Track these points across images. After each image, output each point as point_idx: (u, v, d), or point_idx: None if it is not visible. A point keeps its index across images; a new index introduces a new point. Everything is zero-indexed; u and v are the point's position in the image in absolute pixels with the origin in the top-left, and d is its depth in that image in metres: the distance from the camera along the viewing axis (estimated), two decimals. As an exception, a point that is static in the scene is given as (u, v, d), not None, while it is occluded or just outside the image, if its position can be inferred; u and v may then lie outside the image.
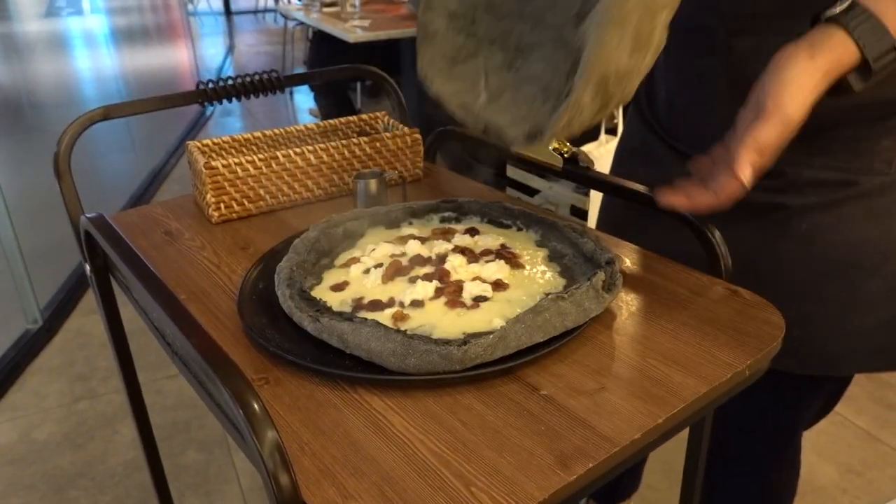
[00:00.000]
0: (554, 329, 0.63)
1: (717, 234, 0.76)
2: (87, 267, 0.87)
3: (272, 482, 0.47)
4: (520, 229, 0.85)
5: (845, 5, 0.62)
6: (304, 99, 5.14)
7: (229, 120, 4.79)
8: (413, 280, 0.72)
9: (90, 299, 2.52)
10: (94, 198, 0.90)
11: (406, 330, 0.63)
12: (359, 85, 4.21)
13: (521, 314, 0.62)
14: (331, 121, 1.15)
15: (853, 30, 0.62)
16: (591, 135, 1.97)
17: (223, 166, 0.93)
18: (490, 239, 0.81)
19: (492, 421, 0.57)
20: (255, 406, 0.49)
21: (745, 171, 0.63)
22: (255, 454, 0.48)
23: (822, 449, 1.74)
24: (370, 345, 0.60)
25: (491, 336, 0.60)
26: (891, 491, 1.61)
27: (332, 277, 0.76)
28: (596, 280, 0.67)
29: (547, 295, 0.68)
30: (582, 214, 0.94)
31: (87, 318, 2.41)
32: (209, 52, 6.97)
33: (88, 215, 0.76)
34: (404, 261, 0.77)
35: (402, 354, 0.59)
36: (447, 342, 0.59)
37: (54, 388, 2.06)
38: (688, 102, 0.91)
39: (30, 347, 2.22)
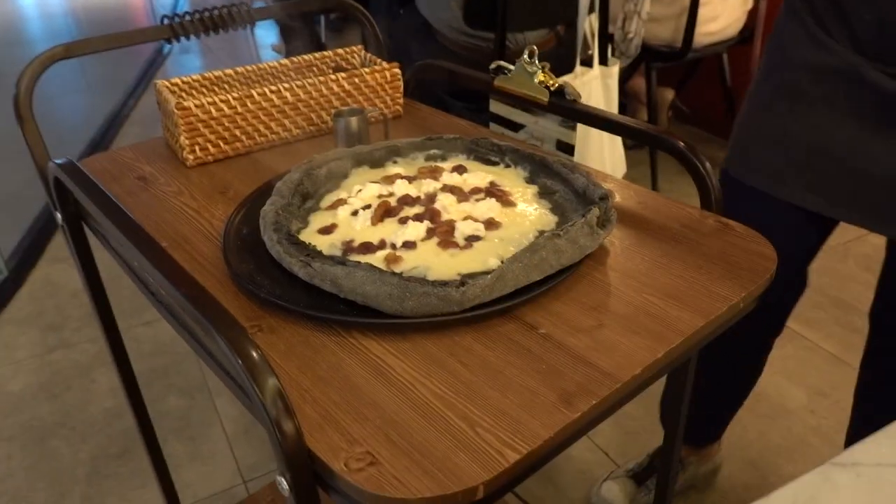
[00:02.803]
0: (550, 267, 0.62)
1: (708, 166, 0.75)
2: (59, 216, 0.84)
3: (276, 430, 0.47)
4: (507, 166, 0.83)
5: None
6: (265, 34, 4.94)
7: (188, 57, 4.60)
8: (403, 221, 0.71)
9: (56, 247, 2.44)
10: (51, 142, 0.85)
11: (401, 272, 0.62)
12: (322, 19, 4.05)
13: (517, 253, 0.61)
14: (304, 56, 1.10)
15: None
16: (565, 66, 1.93)
17: (196, 106, 0.89)
18: (478, 177, 0.79)
19: (492, 361, 0.56)
20: (255, 355, 0.48)
21: None
22: (256, 403, 0.47)
23: (790, 373, 1.80)
24: (365, 288, 0.59)
25: (489, 276, 0.59)
26: (855, 410, 1.68)
27: (319, 220, 0.74)
28: (590, 216, 0.66)
29: (541, 233, 0.68)
30: (568, 149, 0.93)
31: (54, 266, 2.35)
32: (162, -15, 6.64)
33: (57, 161, 0.72)
34: (393, 201, 0.75)
35: (399, 297, 0.58)
36: (444, 284, 0.58)
37: (25, 339, 2.02)
38: None
39: (-3, 299, 2.16)
